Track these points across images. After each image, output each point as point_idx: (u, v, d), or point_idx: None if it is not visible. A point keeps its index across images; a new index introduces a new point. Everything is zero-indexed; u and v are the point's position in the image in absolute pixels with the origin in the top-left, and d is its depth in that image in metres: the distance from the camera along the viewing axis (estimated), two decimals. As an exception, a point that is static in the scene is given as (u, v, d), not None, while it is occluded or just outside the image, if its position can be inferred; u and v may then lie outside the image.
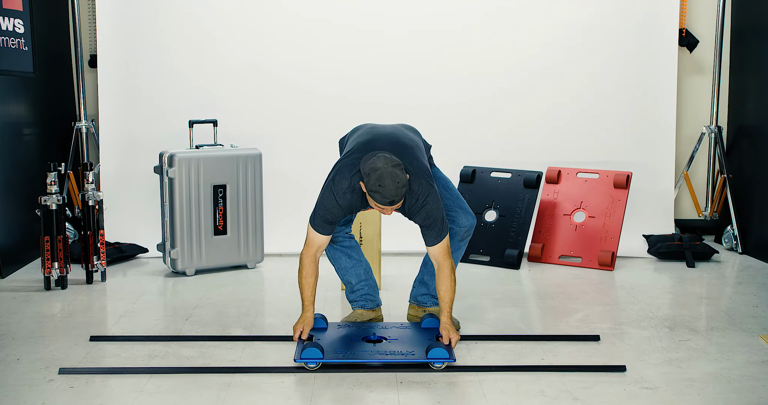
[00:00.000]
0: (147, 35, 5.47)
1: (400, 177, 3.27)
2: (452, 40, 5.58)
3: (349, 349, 3.43)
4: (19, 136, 5.20)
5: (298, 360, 3.30)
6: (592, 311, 4.12)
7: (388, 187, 3.25)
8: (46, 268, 4.47)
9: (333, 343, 3.50)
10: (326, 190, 3.50)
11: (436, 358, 3.27)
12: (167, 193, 4.77)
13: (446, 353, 3.28)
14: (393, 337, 3.58)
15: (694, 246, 5.16)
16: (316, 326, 3.67)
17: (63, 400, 3.04)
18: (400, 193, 3.28)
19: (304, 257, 3.53)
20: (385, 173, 3.25)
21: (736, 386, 3.11)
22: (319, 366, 3.29)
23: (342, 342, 3.52)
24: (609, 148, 5.61)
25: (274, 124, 5.53)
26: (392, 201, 3.28)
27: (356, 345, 3.48)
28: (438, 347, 3.29)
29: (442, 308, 3.49)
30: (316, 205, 3.53)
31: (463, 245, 3.82)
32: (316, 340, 3.51)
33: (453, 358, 3.30)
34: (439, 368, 3.27)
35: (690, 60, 5.83)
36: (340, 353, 3.38)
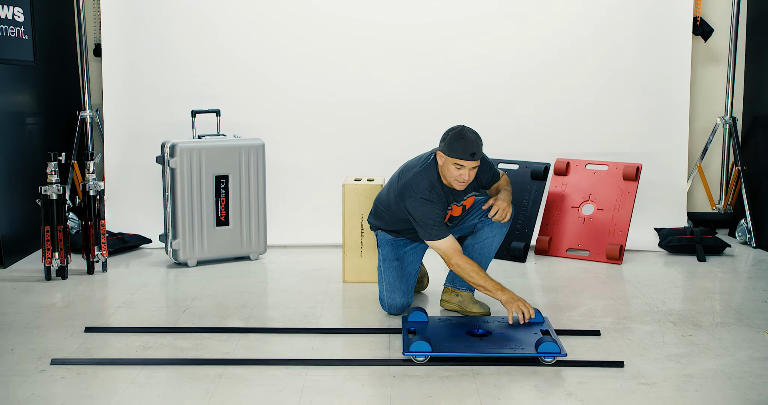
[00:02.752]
0: (151, 25, 5.43)
1: (477, 133, 3.57)
2: (460, 30, 5.49)
3: (459, 343, 3.36)
4: (23, 125, 5.19)
5: (406, 353, 3.23)
6: (596, 305, 4.03)
7: (469, 138, 3.51)
8: (47, 258, 4.45)
9: (438, 336, 3.42)
10: (417, 201, 3.59)
11: (547, 352, 3.19)
12: (169, 183, 4.73)
13: (557, 347, 3.19)
14: (497, 331, 3.50)
15: (705, 239, 5.05)
16: (418, 320, 3.60)
17: (54, 391, 3.02)
18: (479, 146, 3.53)
19: (456, 262, 3.59)
20: (466, 129, 3.56)
21: (736, 383, 3.03)
22: (427, 359, 3.22)
23: (445, 335, 3.45)
24: (620, 139, 5.51)
25: (279, 115, 5.48)
26: (474, 153, 3.50)
27: (461, 339, 3.41)
28: (549, 342, 3.20)
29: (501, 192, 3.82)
30: (418, 223, 3.61)
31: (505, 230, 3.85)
32: (422, 333, 3.41)
33: (564, 353, 3.20)
34: (549, 363, 3.19)
35: (704, 49, 5.70)
36: (450, 346, 3.31)
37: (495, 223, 3.80)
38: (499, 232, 3.82)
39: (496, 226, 3.80)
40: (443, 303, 3.97)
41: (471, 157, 3.51)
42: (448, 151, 3.53)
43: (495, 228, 3.81)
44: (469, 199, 3.82)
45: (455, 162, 3.52)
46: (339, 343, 3.53)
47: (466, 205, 3.82)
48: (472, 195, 3.81)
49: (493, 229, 3.81)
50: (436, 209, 3.61)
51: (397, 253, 3.90)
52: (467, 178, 3.56)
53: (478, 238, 3.84)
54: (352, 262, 4.47)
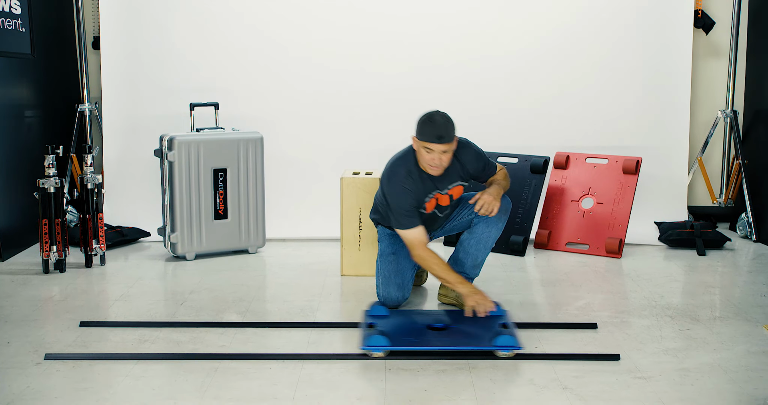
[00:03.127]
0: (150, 17, 5.42)
1: (447, 116, 3.57)
2: (459, 21, 5.46)
3: (416, 337, 3.36)
4: (21, 118, 5.18)
5: (363, 348, 3.23)
6: (594, 299, 4.02)
7: (437, 121, 3.52)
8: (45, 251, 4.45)
9: (397, 330, 3.42)
10: (390, 188, 3.65)
11: (505, 345, 3.19)
12: (167, 176, 4.73)
13: (514, 340, 3.19)
14: (456, 324, 3.50)
15: (705, 233, 5.03)
16: (378, 314, 3.61)
17: (49, 384, 3.02)
18: (448, 130, 3.52)
19: (418, 254, 3.63)
20: (437, 113, 3.58)
21: (732, 377, 3.01)
22: (385, 354, 3.22)
23: (405, 329, 3.45)
24: (621, 132, 5.49)
25: (278, 108, 5.46)
26: (441, 136, 3.49)
27: (421, 332, 3.41)
28: (505, 335, 3.20)
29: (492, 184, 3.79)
30: (391, 209, 3.66)
31: (501, 225, 3.83)
32: (381, 327, 3.40)
33: (521, 346, 3.20)
34: (506, 356, 3.19)
35: (706, 42, 5.67)
36: (408, 341, 3.31)
37: (490, 219, 3.77)
38: (494, 227, 3.80)
39: (491, 221, 3.78)
40: (440, 297, 3.97)
41: (438, 140, 3.50)
42: (419, 135, 3.57)
43: (490, 223, 3.79)
44: (456, 189, 3.79)
45: (425, 145, 3.54)
46: (335, 336, 3.52)
47: (452, 194, 3.78)
48: (459, 185, 3.78)
49: (488, 225, 3.79)
50: (410, 199, 3.64)
51: (394, 247, 3.89)
52: (438, 162, 3.56)
53: (473, 233, 3.82)
54: (350, 256, 4.46)
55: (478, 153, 3.79)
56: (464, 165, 3.74)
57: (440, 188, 3.74)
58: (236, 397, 2.90)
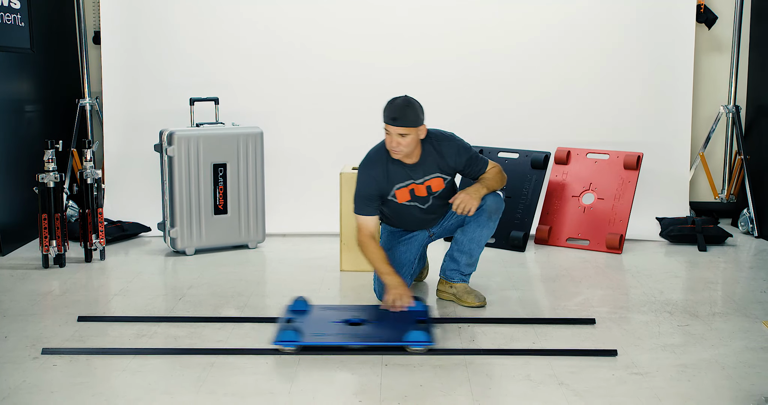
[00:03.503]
0: (151, 12, 5.42)
1: (412, 102, 3.54)
2: (461, 15, 5.45)
3: (328, 332, 3.36)
4: (22, 113, 5.18)
5: (274, 343, 3.24)
6: (593, 295, 4.01)
7: (396, 103, 3.51)
8: (44, 246, 4.46)
9: (313, 325, 3.43)
10: (358, 171, 3.73)
11: (415, 341, 3.19)
12: (167, 171, 4.73)
13: (426, 336, 3.20)
14: (374, 319, 3.51)
15: (707, 229, 5.01)
16: (299, 309, 3.61)
17: (46, 378, 3.01)
18: (406, 114, 3.49)
19: (360, 240, 3.69)
20: (401, 96, 3.56)
21: (730, 373, 3.00)
22: (296, 349, 3.22)
23: (320, 324, 3.45)
24: (622, 128, 5.47)
25: (278, 103, 5.46)
26: (395, 118, 3.49)
27: (335, 327, 3.41)
28: (417, 330, 3.21)
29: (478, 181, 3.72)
30: (355, 191, 3.72)
31: (492, 224, 3.79)
32: (297, 322, 3.44)
33: (433, 342, 3.22)
34: (418, 351, 3.19)
35: (708, 37, 5.65)
36: (319, 336, 3.31)
37: (481, 218, 3.73)
38: (485, 227, 3.76)
39: (482, 219, 3.74)
40: (439, 293, 3.96)
41: (392, 121, 3.50)
42: (382, 115, 3.58)
43: (481, 222, 3.74)
44: (435, 181, 3.72)
45: (384, 126, 3.56)
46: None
47: (431, 185, 3.73)
48: (437, 177, 3.71)
49: (479, 225, 3.75)
50: (373, 188, 3.68)
51: (390, 244, 3.89)
52: (395, 145, 3.55)
53: (466, 232, 3.80)
54: (349, 252, 4.45)
55: (462, 147, 3.73)
56: (444, 157, 3.69)
57: (414, 178, 3.71)
58: (232, 391, 2.90)
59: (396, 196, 3.74)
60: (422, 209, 3.80)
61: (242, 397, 2.85)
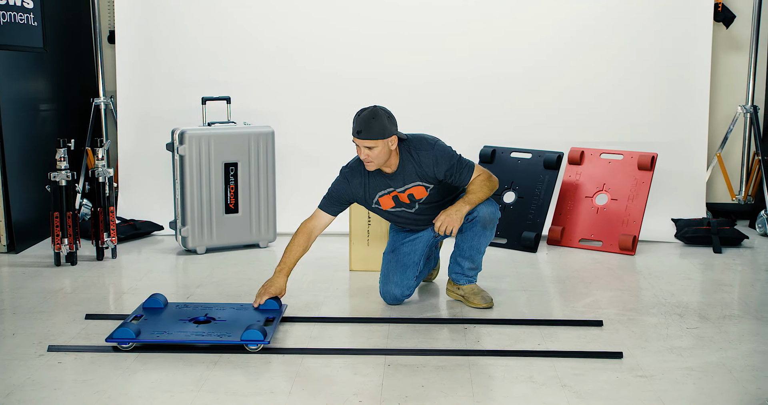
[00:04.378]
0: (164, 11, 5.44)
1: (378, 113, 3.49)
2: (473, 14, 5.42)
3: (169, 330, 3.37)
4: (36, 111, 5.22)
5: (108, 340, 3.24)
6: (602, 296, 3.96)
7: (362, 116, 3.48)
8: (56, 244, 4.48)
9: (158, 322, 3.45)
10: (339, 174, 3.75)
11: (249, 340, 3.21)
12: (178, 170, 4.74)
13: (260, 335, 3.20)
14: (223, 318, 3.52)
15: (722, 231, 4.94)
16: (153, 306, 3.63)
17: (50, 375, 3.03)
18: (371, 126, 3.45)
19: (300, 227, 3.76)
20: (368, 108, 3.52)
21: (737, 376, 2.95)
22: (132, 346, 3.24)
23: (167, 322, 3.47)
24: (638, 127, 5.41)
25: (290, 102, 5.46)
26: (359, 131, 3.48)
27: (179, 325, 3.43)
28: (253, 329, 3.22)
29: (463, 197, 3.61)
30: (329, 188, 3.77)
31: (489, 233, 3.74)
32: (145, 319, 3.48)
33: (267, 340, 3.22)
34: (254, 350, 3.21)
35: (726, 36, 5.57)
36: (157, 333, 3.32)
37: (475, 224, 3.67)
38: (482, 235, 3.71)
39: (477, 230, 3.69)
40: (448, 292, 3.94)
41: (357, 134, 3.48)
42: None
43: (477, 232, 3.69)
44: (416, 189, 3.66)
45: (353, 139, 3.54)
46: (337, 332, 3.51)
47: (413, 193, 3.67)
48: (419, 185, 3.65)
49: (475, 233, 3.70)
50: (341, 191, 3.71)
51: (394, 245, 3.88)
52: (364, 157, 3.53)
53: (465, 238, 3.75)
54: (358, 251, 4.44)
55: (441, 156, 3.60)
56: (422, 167, 3.61)
57: (394, 186, 3.67)
58: (232, 390, 2.89)
59: (380, 203, 3.71)
60: (412, 213, 3.76)
61: (243, 397, 2.84)
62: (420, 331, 3.49)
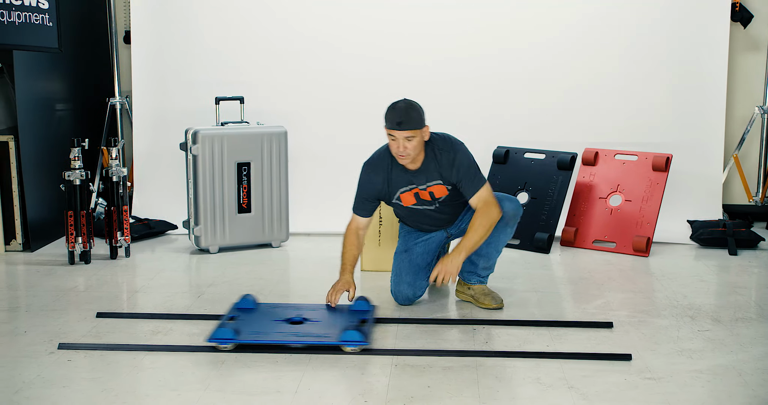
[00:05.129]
0: (180, 12, 5.47)
1: (414, 104, 3.49)
2: (485, 12, 5.40)
3: (266, 330, 3.37)
4: (53, 111, 5.26)
5: (209, 340, 3.26)
6: (614, 298, 3.93)
7: (399, 107, 3.46)
8: (70, 242, 4.51)
9: (254, 323, 3.45)
10: (362, 171, 3.72)
11: (348, 340, 3.20)
12: (191, 170, 4.76)
13: (360, 336, 3.19)
14: (316, 318, 3.52)
15: (738, 232, 4.89)
16: (244, 306, 3.63)
17: (59, 373, 3.05)
18: (410, 116, 3.44)
19: (346, 230, 3.77)
20: (402, 100, 3.51)
21: (747, 379, 2.92)
22: (232, 346, 3.24)
23: (262, 322, 3.47)
24: (654, 128, 5.37)
25: (304, 102, 5.47)
26: (400, 122, 3.44)
27: (275, 326, 3.42)
28: (352, 330, 3.21)
29: (462, 240, 3.56)
30: (356, 189, 3.74)
31: (510, 230, 3.75)
32: (240, 319, 3.47)
33: (367, 342, 3.21)
34: (353, 351, 3.19)
35: (744, 36, 5.52)
36: (255, 334, 3.32)
37: (498, 224, 3.66)
38: (502, 231, 3.71)
39: (499, 225, 3.67)
40: (457, 293, 3.93)
41: (398, 125, 3.45)
42: (384, 123, 3.53)
43: (498, 227, 3.68)
44: (437, 188, 3.65)
45: (388, 132, 3.51)
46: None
47: (433, 192, 3.67)
48: (439, 184, 3.64)
49: (496, 229, 3.68)
50: (370, 190, 3.69)
51: (407, 245, 3.87)
52: (402, 150, 3.50)
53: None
54: (370, 251, 4.44)
55: (459, 161, 3.59)
56: (441, 167, 3.62)
57: (416, 183, 3.66)
58: (239, 389, 2.90)
59: (401, 199, 3.71)
60: (432, 210, 3.77)
61: (249, 396, 2.85)
62: (428, 331, 3.48)
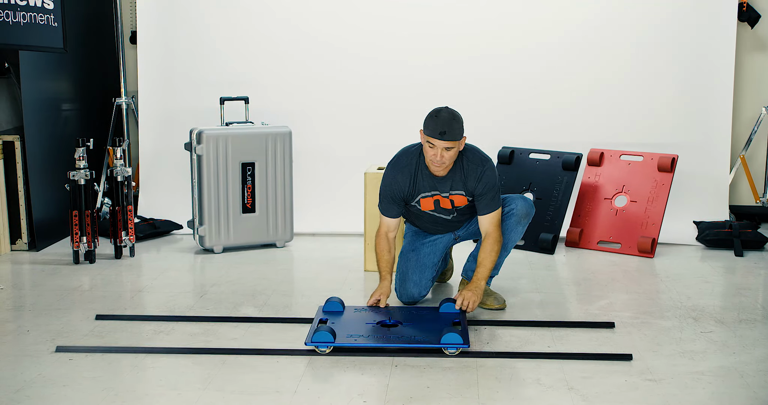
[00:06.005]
0: (185, 12, 5.46)
1: (456, 115, 3.46)
2: (491, 13, 5.38)
3: (363, 333, 3.32)
4: (59, 111, 5.28)
5: (309, 343, 3.20)
6: (617, 299, 3.92)
7: (443, 117, 3.42)
8: (75, 242, 4.53)
9: (347, 326, 3.39)
10: (385, 171, 3.69)
11: (450, 343, 3.15)
12: (195, 170, 4.77)
13: (460, 339, 3.15)
14: (409, 321, 3.46)
15: (744, 233, 4.86)
16: (332, 309, 3.58)
17: (60, 372, 3.06)
18: (453, 128, 3.41)
19: (376, 236, 3.75)
20: (444, 109, 3.47)
21: (748, 381, 2.90)
22: (330, 349, 3.19)
23: (356, 326, 3.41)
24: (660, 129, 5.33)
25: (309, 102, 5.46)
26: (444, 132, 3.41)
27: (370, 329, 3.38)
28: (452, 332, 3.16)
29: (476, 273, 3.59)
30: (380, 191, 3.70)
31: (521, 228, 3.76)
32: (331, 323, 3.42)
33: (467, 344, 3.17)
34: (453, 354, 3.16)
35: (751, 36, 5.49)
36: (353, 337, 3.27)
37: (509, 222, 3.70)
38: (513, 230, 3.72)
39: (511, 223, 3.70)
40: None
41: (440, 135, 3.41)
42: (424, 129, 3.48)
43: (510, 226, 3.70)
44: (458, 198, 3.64)
45: (428, 139, 3.47)
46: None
47: (454, 200, 3.66)
48: (461, 194, 3.63)
49: (507, 228, 3.71)
50: (396, 191, 3.64)
51: (414, 245, 3.87)
52: (439, 159, 3.46)
53: None
54: (372, 252, 4.43)
55: (486, 177, 3.59)
56: (466, 178, 3.61)
57: (440, 190, 3.65)
58: (239, 389, 2.90)
59: (420, 203, 3.69)
60: (447, 219, 3.76)
61: (248, 396, 2.85)
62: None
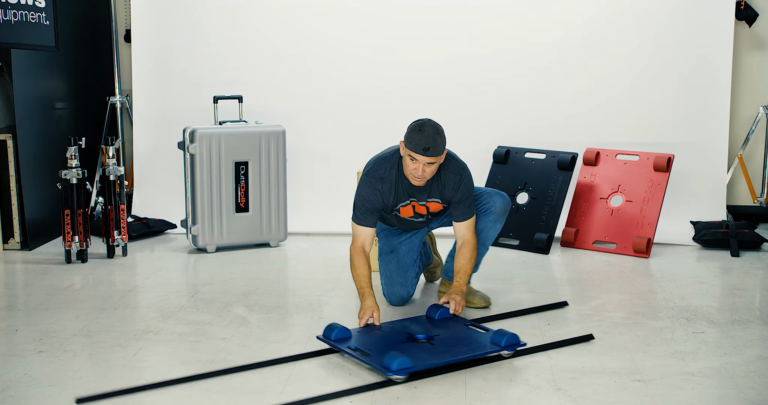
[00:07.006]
0: (180, 10, 5.45)
1: (440, 129, 3.37)
2: (486, 14, 5.36)
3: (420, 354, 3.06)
4: (52, 110, 5.26)
5: (390, 374, 2.88)
6: (610, 299, 3.89)
7: (427, 132, 3.32)
8: (67, 241, 4.51)
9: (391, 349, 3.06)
10: (363, 180, 3.57)
11: (512, 344, 3.07)
12: (189, 169, 4.75)
13: (518, 337, 3.09)
14: (434, 334, 3.27)
15: (741, 234, 4.83)
16: (342, 337, 3.22)
17: (46, 371, 3.04)
18: (437, 143, 3.33)
19: (351, 251, 3.56)
20: (428, 123, 3.37)
21: (738, 382, 2.87)
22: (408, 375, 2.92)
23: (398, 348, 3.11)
24: (657, 128, 5.30)
25: (303, 101, 5.44)
26: (427, 148, 3.32)
27: (417, 347, 3.14)
28: (509, 334, 3.08)
29: (457, 279, 3.55)
30: (354, 199, 3.59)
31: (499, 225, 3.73)
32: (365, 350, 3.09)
33: (524, 343, 3.12)
34: (508, 355, 3.10)
35: (749, 35, 5.46)
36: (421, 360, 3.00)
37: (488, 214, 3.67)
38: (492, 228, 3.69)
39: (489, 221, 3.67)
40: (440, 294, 3.88)
41: (424, 151, 3.31)
42: (406, 142, 3.37)
43: (488, 224, 3.68)
44: (434, 205, 3.60)
45: (410, 153, 3.36)
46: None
47: (430, 207, 3.61)
48: (437, 202, 3.58)
49: (485, 221, 3.68)
50: (374, 200, 3.51)
51: (392, 245, 3.82)
52: (420, 173, 3.37)
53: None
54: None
55: (463, 186, 3.53)
56: (444, 186, 3.54)
57: (417, 198, 3.58)
58: (225, 389, 2.88)
59: (400, 210, 3.63)
60: (421, 221, 3.73)
61: (234, 396, 2.83)
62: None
